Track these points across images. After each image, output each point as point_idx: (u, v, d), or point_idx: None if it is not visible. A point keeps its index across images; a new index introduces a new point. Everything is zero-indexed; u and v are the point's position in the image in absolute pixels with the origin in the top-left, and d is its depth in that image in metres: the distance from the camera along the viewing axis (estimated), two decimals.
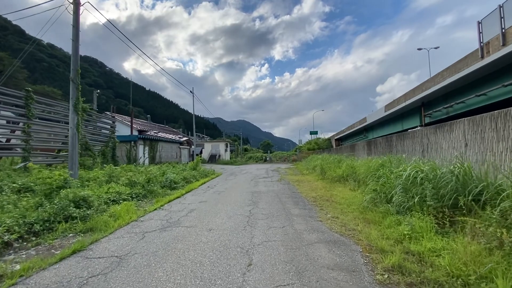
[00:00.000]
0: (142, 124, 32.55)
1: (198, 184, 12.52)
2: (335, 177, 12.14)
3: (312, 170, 18.79)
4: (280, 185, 12.28)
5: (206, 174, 17.28)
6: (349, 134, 45.65)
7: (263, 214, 6.20)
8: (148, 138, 20.95)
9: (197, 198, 8.61)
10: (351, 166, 12.05)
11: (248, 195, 9.14)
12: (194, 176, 14.75)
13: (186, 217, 6.01)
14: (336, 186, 10.92)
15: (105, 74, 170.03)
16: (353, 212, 6.22)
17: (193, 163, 18.71)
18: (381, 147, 12.57)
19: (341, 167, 12.84)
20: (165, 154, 23.38)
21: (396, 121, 29.54)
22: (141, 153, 20.01)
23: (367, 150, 14.66)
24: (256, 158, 51.61)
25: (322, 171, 14.74)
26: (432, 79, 20.38)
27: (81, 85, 11.44)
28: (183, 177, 13.29)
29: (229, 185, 12.56)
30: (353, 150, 17.88)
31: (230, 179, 15.55)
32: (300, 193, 9.54)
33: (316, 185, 11.62)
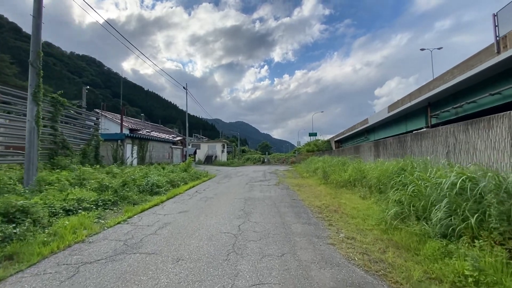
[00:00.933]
0: (135, 123, 31.02)
1: (186, 188, 11.02)
2: (340, 182, 10.69)
3: (313, 173, 17.34)
4: (278, 190, 10.81)
5: (198, 177, 15.78)
6: (349, 136, 44.32)
7: (255, 232, 4.72)
8: (137, 137, 19.43)
9: (178, 207, 7.10)
10: (358, 170, 10.61)
11: (240, 203, 7.65)
12: (183, 179, 13.24)
13: (154, 236, 4.52)
14: (342, 192, 9.46)
15: (103, 74, 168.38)
16: (372, 230, 4.76)
17: (184, 164, 17.21)
18: (392, 148, 11.14)
19: (346, 171, 11.40)
20: (156, 154, 21.86)
21: (400, 123, 28.21)
22: (128, 153, 18.48)
23: (375, 151, 13.24)
24: (254, 160, 50.09)
25: (324, 175, 13.29)
26: (441, 77, 19.06)
27: (78, 83, 9.78)
28: (169, 179, 11.79)
29: (221, 189, 11.07)
30: (357, 152, 16.46)
31: (223, 183, 14.05)
32: (302, 201, 8.06)
33: (319, 191, 10.15)
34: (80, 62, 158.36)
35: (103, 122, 26.63)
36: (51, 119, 12.97)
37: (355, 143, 41.48)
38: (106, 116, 27.39)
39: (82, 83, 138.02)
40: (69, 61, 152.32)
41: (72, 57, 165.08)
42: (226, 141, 49.16)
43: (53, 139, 12.87)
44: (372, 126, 34.10)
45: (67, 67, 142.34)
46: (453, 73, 17.87)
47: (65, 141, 13.40)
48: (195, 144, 44.07)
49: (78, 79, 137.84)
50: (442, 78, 19.02)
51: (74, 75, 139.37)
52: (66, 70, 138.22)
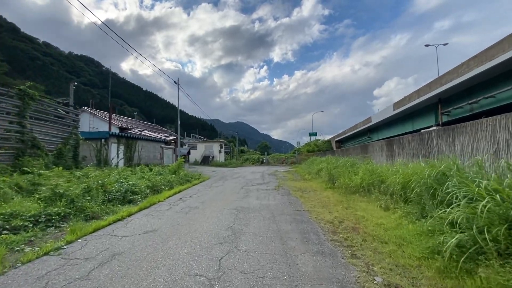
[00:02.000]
0: (127, 122, 29.30)
1: (169, 194, 9.31)
2: (351, 187, 9.00)
3: (316, 175, 15.67)
4: (278, 196, 9.12)
5: (188, 179, 14.09)
6: (350, 135, 42.71)
7: (243, 274, 3.03)
8: (123, 135, 17.73)
9: (147, 223, 5.41)
10: (371, 172, 8.96)
11: (230, 217, 5.96)
12: (169, 183, 11.55)
13: (82, 282, 2.85)
14: (355, 200, 7.79)
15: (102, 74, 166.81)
16: (421, 268, 3.10)
17: (174, 166, 15.52)
18: (411, 147, 9.48)
19: (357, 173, 9.73)
20: (146, 154, 20.16)
21: (406, 121, 26.58)
22: (114, 153, 16.78)
23: (387, 151, 11.58)
24: (252, 160, 48.36)
25: (330, 178, 11.61)
26: (455, 71, 17.44)
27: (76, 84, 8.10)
28: (151, 184, 10.10)
29: (211, 196, 9.37)
30: (365, 152, 14.80)
31: (216, 187, 12.36)
32: (308, 213, 6.38)
33: (326, 198, 8.48)
34: (78, 62, 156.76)
35: (91, 121, 24.95)
36: (18, 114, 11.29)
37: (357, 143, 39.84)
38: (95, 114, 25.68)
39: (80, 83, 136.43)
40: (67, 61, 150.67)
41: (70, 57, 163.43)
42: (223, 141, 47.39)
43: (20, 137, 11.18)
44: (376, 125, 32.49)
45: (65, 67, 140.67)
46: (469, 65, 16.23)
47: (35, 139, 11.70)
48: (192, 144, 42.28)
49: (76, 79, 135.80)
50: (456, 71, 17.39)
51: (72, 75, 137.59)
52: (64, 70, 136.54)
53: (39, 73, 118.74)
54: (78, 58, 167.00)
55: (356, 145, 38.00)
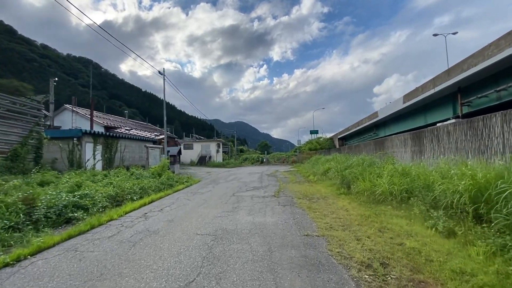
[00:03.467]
0: (114, 120, 26.97)
1: (133, 206, 6.96)
2: (376, 194, 6.65)
3: (323, 176, 13.32)
4: (278, 208, 6.77)
5: (172, 184, 11.76)
6: (354, 132, 40.30)
7: None
8: (101, 134, 15.41)
9: (45, 274, 3.11)
10: (403, 174, 6.63)
11: (198, 256, 3.59)
12: (143, 189, 9.22)
13: None
14: (386, 213, 5.45)
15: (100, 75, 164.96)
16: None
17: (158, 168, 13.21)
18: (453, 140, 7.13)
19: (381, 175, 7.38)
20: (130, 155, 17.84)
21: (417, 115, 24.16)
22: (89, 154, 14.47)
23: (413, 146, 9.23)
24: (252, 160, 45.98)
25: (343, 180, 9.24)
26: (480, 53, 15.05)
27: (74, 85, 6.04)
28: (115, 193, 7.78)
29: (188, 208, 7.03)
30: (380, 148, 12.45)
31: (201, 193, 10.01)
32: (326, 243, 3.98)
33: (344, 210, 6.13)
34: (76, 64, 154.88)
35: (74, 119, 22.67)
36: None
37: (362, 139, 37.43)
38: (78, 112, 23.38)
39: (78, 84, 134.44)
40: (65, 62, 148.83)
41: (68, 58, 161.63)
42: (221, 140, 44.95)
43: None
44: (383, 120, 30.08)
45: (62, 69, 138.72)
46: (498, 46, 13.84)
47: None
48: (187, 143, 39.84)
49: (74, 81, 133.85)
50: (482, 54, 15.01)
51: (69, 76, 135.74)
52: (62, 72, 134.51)
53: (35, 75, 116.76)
54: (76, 59, 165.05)
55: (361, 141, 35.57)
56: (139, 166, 16.13)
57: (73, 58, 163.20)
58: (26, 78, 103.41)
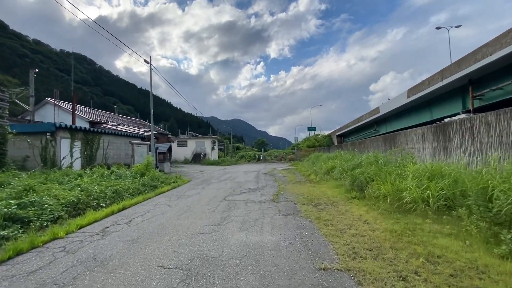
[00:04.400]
0: (101, 115, 25.24)
1: (97, 216, 5.45)
2: (402, 200, 5.25)
3: (326, 175, 11.93)
4: (279, 219, 5.34)
5: (156, 185, 10.26)
6: (354, 129, 39.04)
7: None
8: (80, 129, 13.81)
9: None
10: (435, 174, 5.24)
11: None
12: (117, 193, 7.72)
13: None
14: (424, 229, 4.05)
15: (94, 71, 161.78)
16: None
17: (141, 166, 11.69)
18: (494, 133, 5.75)
19: (404, 177, 5.98)
20: (115, 152, 16.26)
21: (421, 110, 22.88)
22: (65, 151, 12.88)
23: (436, 141, 7.84)
24: (248, 157, 44.49)
25: (354, 182, 7.82)
26: (497, 41, 13.71)
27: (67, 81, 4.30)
28: (76, 199, 6.26)
29: (165, 219, 5.55)
30: (391, 144, 11.06)
31: (187, 197, 8.53)
32: (356, 286, 2.63)
33: (364, 223, 4.71)
34: (69, 60, 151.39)
35: (56, 114, 20.96)
36: None
37: (361, 137, 36.17)
38: (60, 106, 21.65)
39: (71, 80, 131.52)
40: (58, 58, 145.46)
41: (62, 54, 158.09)
42: (217, 137, 43.31)
43: None
44: (384, 116, 28.82)
45: (55, 65, 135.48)
46: None
47: None
48: (181, 140, 38.14)
49: (67, 77, 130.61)
50: (499, 41, 13.67)
51: (62, 72, 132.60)
52: (55, 68, 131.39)
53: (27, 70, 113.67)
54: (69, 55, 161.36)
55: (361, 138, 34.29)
56: (123, 165, 14.58)
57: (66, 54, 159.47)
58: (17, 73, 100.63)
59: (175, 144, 36.46)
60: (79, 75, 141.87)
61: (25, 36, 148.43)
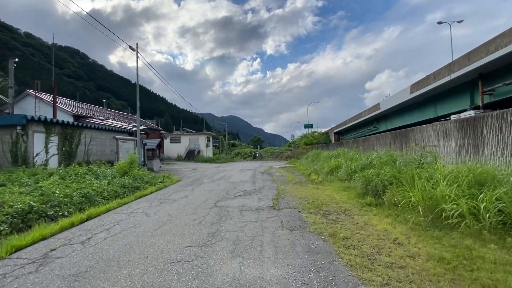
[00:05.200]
0: (88, 109, 23.68)
1: (43, 233, 4.19)
2: (438, 212, 4.12)
3: (329, 175, 10.79)
4: (283, 237, 4.14)
5: (138, 186, 8.99)
6: (352, 126, 38.06)
7: None
8: (57, 122, 12.42)
9: None
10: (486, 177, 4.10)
11: None
12: (86, 198, 6.45)
13: None
14: (485, 259, 2.90)
15: (87, 66, 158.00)
16: None
17: (123, 164, 10.40)
18: None
19: (436, 182, 4.84)
20: (99, 148, 14.88)
21: (425, 106, 21.87)
22: (39, 147, 11.49)
23: (464, 138, 6.72)
24: (244, 155, 43.27)
25: (367, 185, 6.67)
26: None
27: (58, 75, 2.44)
28: (26, 208, 4.99)
29: (136, 235, 4.29)
30: (403, 141, 9.95)
31: (172, 202, 7.30)
32: None
33: (393, 241, 3.56)
34: (61, 53, 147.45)
35: (37, 107, 19.41)
36: None
37: (360, 134, 35.21)
38: (42, 98, 20.07)
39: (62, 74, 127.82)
40: (49, 52, 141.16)
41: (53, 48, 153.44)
42: (211, 134, 41.84)
43: None
44: (384, 113, 27.82)
45: (46, 58, 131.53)
46: None
47: None
48: (175, 137, 36.56)
49: (59, 71, 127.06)
50: None
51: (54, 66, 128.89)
52: (46, 61, 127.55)
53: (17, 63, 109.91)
54: (62, 49, 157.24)
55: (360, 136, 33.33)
56: (105, 162, 13.25)
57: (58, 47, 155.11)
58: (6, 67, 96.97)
59: (167, 141, 35.00)
60: (71, 69, 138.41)
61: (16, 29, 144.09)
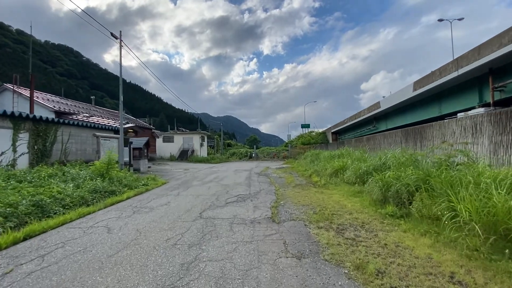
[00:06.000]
0: (73, 105, 22.12)
1: None
2: (496, 230, 2.94)
3: (333, 176, 9.59)
4: (290, 269, 2.90)
5: (114, 191, 7.66)
6: (351, 126, 37.06)
7: None
8: (27, 117, 10.99)
9: None
10: None
11: None
12: (39, 207, 5.13)
13: None
14: None
15: (81, 64, 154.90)
16: None
17: (100, 165, 9.04)
18: None
19: (488, 191, 3.66)
20: (78, 147, 13.45)
21: (429, 104, 20.84)
22: (6, 145, 10.07)
23: (500, 134, 5.57)
24: (240, 155, 41.96)
25: (387, 192, 5.46)
26: None
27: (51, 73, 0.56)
28: None
29: (69, 274, 3.03)
30: (417, 139, 8.78)
31: (149, 210, 5.99)
32: None
33: (459, 284, 2.41)
34: (54, 51, 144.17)
35: (15, 102, 17.86)
36: None
37: (359, 134, 34.18)
38: (21, 93, 18.50)
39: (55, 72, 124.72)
40: (42, 49, 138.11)
41: (46, 46, 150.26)
42: (206, 133, 40.33)
43: None
44: (385, 111, 26.80)
45: (38, 56, 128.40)
46: None
47: None
48: (167, 136, 34.98)
49: (51, 69, 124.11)
50: None
51: (46, 64, 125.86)
52: (37, 59, 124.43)
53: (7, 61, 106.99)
54: (55, 47, 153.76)
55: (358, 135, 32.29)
56: (83, 162, 11.88)
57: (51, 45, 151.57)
58: None
59: (160, 140, 33.49)
60: (64, 67, 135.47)
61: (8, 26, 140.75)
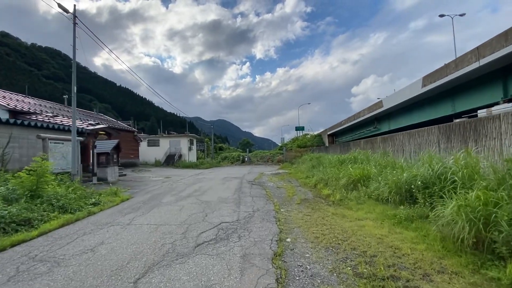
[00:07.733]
0: (36, 104, 19.02)
1: None
2: None
3: (350, 189, 7.09)
4: None
5: (29, 219, 4.93)
6: (348, 127, 34.87)
7: None
8: None
9: None
10: None
11: None
12: None
13: None
14: None
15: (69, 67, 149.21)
16: None
17: (27, 177, 6.27)
18: None
19: None
20: (25, 152, 10.60)
21: (439, 101, 18.63)
22: None
23: None
24: (232, 159, 39.24)
25: (478, 228, 2.99)
26: None
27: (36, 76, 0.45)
28: None
29: None
30: (468, 139, 6.37)
31: (38, 275, 3.33)
32: None
33: None
34: (40, 54, 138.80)
35: None
36: None
37: (357, 136, 31.97)
38: None
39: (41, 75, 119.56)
40: (27, 52, 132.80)
41: (32, 48, 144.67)
42: (195, 136, 37.40)
43: None
44: (388, 111, 24.58)
45: (24, 58, 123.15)
46: None
47: None
48: (152, 139, 31.86)
49: (37, 72, 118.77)
50: None
51: (32, 67, 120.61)
52: (22, 62, 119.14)
53: None
54: (42, 50, 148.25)
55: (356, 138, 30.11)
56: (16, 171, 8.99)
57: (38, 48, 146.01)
58: None
59: (145, 144, 30.48)
60: (51, 70, 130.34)
61: None
